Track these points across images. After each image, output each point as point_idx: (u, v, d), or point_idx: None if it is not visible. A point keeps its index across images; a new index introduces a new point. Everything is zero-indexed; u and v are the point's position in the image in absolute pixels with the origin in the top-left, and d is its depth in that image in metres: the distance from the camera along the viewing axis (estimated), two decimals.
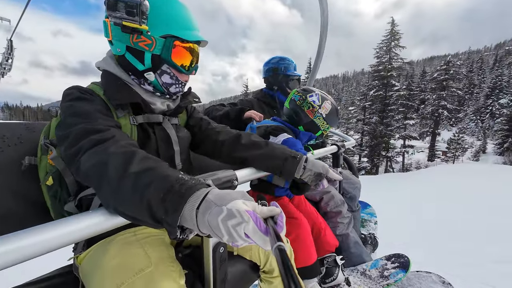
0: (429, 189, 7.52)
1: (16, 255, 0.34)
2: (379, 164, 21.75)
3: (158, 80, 0.76)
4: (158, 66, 0.74)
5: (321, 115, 1.24)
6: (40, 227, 0.38)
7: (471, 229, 3.88)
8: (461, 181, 7.94)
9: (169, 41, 0.71)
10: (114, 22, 0.67)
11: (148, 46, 0.70)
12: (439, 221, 4.46)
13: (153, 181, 0.44)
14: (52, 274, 0.76)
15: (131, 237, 0.69)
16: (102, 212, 0.45)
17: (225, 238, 0.38)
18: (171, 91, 0.80)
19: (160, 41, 0.71)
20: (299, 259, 1.08)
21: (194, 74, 0.84)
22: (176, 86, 0.79)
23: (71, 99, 0.66)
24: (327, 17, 2.06)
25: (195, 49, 0.79)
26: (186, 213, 0.41)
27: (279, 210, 0.44)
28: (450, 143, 22.40)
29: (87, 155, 0.52)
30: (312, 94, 1.26)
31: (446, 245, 3.42)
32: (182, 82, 0.80)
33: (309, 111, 1.24)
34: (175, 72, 0.77)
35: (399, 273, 1.22)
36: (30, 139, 0.82)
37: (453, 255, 3.03)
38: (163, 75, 0.76)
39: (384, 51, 21.03)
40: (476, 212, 4.73)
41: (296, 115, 1.27)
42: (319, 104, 1.24)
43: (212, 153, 0.94)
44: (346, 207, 1.50)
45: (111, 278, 0.56)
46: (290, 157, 0.84)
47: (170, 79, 0.77)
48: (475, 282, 2.28)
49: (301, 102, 1.25)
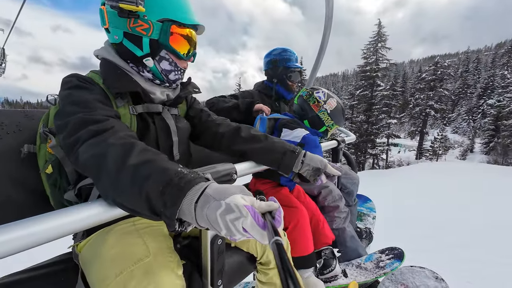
0: (407, 185, 8.22)
1: (15, 244, 0.34)
2: (365, 161, 23.01)
3: (157, 67, 0.75)
4: (156, 52, 0.73)
5: (325, 110, 1.31)
6: (39, 217, 0.38)
7: (434, 220, 4.49)
8: (437, 178, 8.60)
9: (167, 25, 0.70)
10: (111, 5, 0.65)
11: (146, 30, 0.69)
12: (412, 214, 5.02)
13: (152, 173, 0.44)
14: (52, 261, 0.78)
15: (130, 227, 0.70)
16: (101, 203, 0.46)
17: (223, 232, 0.39)
18: (170, 78, 0.79)
19: (157, 25, 0.70)
20: (297, 249, 1.10)
21: (193, 61, 0.83)
22: (175, 73, 0.79)
23: (69, 87, 0.65)
24: (331, 10, 2.01)
25: (193, 33, 0.78)
26: (185, 207, 0.41)
27: (277, 205, 0.44)
28: (434, 142, 23.81)
29: (85, 146, 0.51)
30: (318, 91, 1.36)
31: (408, 232, 3.97)
32: (181, 69, 0.80)
33: (314, 105, 1.32)
34: (173, 58, 0.76)
35: (394, 263, 1.24)
36: (29, 126, 0.82)
37: (414, 242, 3.49)
38: (161, 61, 0.75)
39: (371, 52, 22.02)
40: (444, 206, 5.32)
41: (302, 109, 1.36)
42: (324, 99, 1.32)
43: (211, 145, 0.94)
44: (344, 202, 1.51)
45: (110, 267, 0.57)
46: (289, 151, 0.84)
47: (169, 66, 0.76)
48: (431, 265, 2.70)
49: (307, 97, 1.35)
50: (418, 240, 3.62)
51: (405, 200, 6.20)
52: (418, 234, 3.90)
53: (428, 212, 5.05)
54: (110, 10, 0.68)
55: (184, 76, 0.84)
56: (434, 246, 3.36)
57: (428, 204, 5.58)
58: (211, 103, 1.54)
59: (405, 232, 4.02)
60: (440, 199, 5.88)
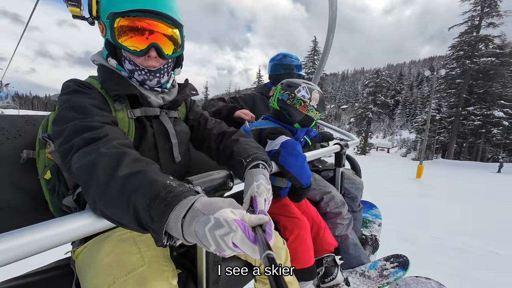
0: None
1: (7, 255, 0.34)
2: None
3: (124, 68, 0.74)
4: (116, 52, 0.72)
5: (313, 107, 1.20)
6: (31, 227, 0.37)
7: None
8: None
9: (112, 19, 0.66)
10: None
11: (103, 32, 0.70)
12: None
13: (140, 186, 0.43)
14: (49, 267, 0.78)
15: (126, 233, 0.69)
16: (92, 214, 0.45)
17: (212, 248, 0.37)
18: (138, 79, 0.73)
19: (106, 23, 0.68)
20: (298, 260, 1.07)
21: (168, 59, 0.73)
22: (139, 73, 0.71)
23: (68, 92, 0.66)
24: (335, 9, 1.98)
25: (147, 22, 0.67)
26: (172, 222, 0.40)
27: (267, 218, 0.43)
28: (361, 139, 29.77)
29: (78, 155, 0.51)
30: (299, 89, 1.18)
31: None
32: (145, 69, 0.71)
33: (301, 107, 1.18)
34: (130, 56, 0.70)
35: (398, 272, 1.21)
36: (29, 132, 0.83)
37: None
38: (125, 62, 0.72)
39: (310, 63, 31.35)
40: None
41: (289, 115, 1.20)
42: (309, 97, 1.19)
43: (210, 156, 0.91)
44: (347, 208, 1.48)
45: (103, 276, 0.56)
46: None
47: (130, 65, 0.71)
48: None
49: (291, 101, 1.18)
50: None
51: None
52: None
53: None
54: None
55: (159, 77, 0.74)
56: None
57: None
58: (204, 106, 1.55)
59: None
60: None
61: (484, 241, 3.54)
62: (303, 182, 0.94)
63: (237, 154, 0.73)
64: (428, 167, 15.71)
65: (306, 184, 0.96)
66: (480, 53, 22.10)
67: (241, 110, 1.42)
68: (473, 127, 21.74)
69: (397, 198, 6.23)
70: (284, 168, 0.91)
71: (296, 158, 0.92)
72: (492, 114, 20.87)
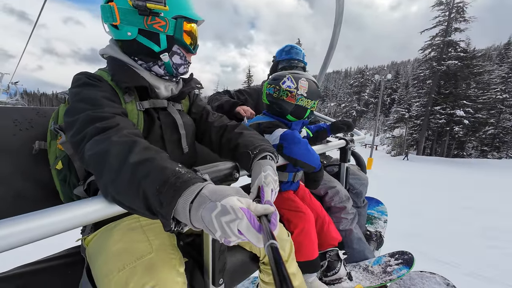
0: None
1: (20, 238, 0.35)
2: None
3: (170, 61, 0.78)
4: (170, 47, 0.77)
5: (301, 95, 1.16)
6: (44, 211, 0.39)
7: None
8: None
9: (180, 21, 0.76)
10: (137, 4, 0.68)
11: (163, 27, 0.73)
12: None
13: (150, 172, 0.44)
14: (61, 254, 0.80)
15: (135, 223, 0.71)
16: (103, 199, 0.46)
17: (218, 233, 0.38)
18: (180, 72, 0.83)
19: (172, 22, 0.74)
20: (303, 253, 1.08)
21: (196, 53, 0.88)
22: (184, 66, 0.83)
23: (79, 85, 0.67)
24: (343, 2, 1.96)
25: (196, 28, 0.84)
26: (180, 207, 0.41)
27: (273, 209, 0.43)
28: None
29: (91, 143, 0.52)
30: (284, 80, 1.16)
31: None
32: (189, 62, 0.85)
33: (289, 98, 1.15)
34: (184, 52, 0.81)
35: (402, 269, 1.20)
36: (40, 123, 0.85)
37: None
38: (173, 55, 0.79)
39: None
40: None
41: (279, 108, 1.19)
42: (295, 86, 1.15)
43: (211, 149, 0.93)
44: (351, 202, 1.48)
45: (113, 262, 0.58)
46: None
47: (180, 60, 0.81)
48: None
49: (278, 93, 1.17)
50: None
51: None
52: None
53: None
54: (124, 7, 0.70)
55: (189, 69, 0.88)
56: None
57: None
58: (210, 100, 1.59)
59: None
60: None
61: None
62: (314, 164, 0.94)
63: (243, 146, 0.74)
64: (388, 161, 19.22)
65: (318, 166, 0.96)
66: (448, 56, 24.00)
67: (241, 107, 1.45)
68: (439, 125, 24.29)
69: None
70: (291, 157, 0.92)
71: (299, 145, 0.93)
72: (455, 113, 23.08)
